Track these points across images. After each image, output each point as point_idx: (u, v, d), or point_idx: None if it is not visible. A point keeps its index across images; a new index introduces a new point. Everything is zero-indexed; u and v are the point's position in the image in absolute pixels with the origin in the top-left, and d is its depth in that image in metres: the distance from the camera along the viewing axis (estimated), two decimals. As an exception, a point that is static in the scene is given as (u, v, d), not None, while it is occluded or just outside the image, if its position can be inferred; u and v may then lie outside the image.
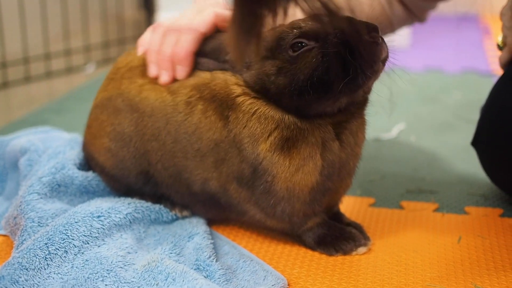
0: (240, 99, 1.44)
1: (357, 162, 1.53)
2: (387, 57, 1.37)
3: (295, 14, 1.43)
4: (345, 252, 1.52)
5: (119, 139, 1.61)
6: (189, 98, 1.51)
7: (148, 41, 1.60)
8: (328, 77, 1.34)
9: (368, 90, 1.46)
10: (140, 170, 1.60)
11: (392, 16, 1.92)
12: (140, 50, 1.62)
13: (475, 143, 1.80)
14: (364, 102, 1.49)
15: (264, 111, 1.42)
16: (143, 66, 1.60)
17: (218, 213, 1.61)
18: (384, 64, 1.38)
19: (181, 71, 1.53)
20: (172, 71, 1.54)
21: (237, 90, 1.45)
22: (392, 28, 1.97)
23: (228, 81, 1.47)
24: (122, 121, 1.60)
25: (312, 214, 1.52)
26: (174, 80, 1.54)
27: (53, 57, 3.35)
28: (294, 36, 1.38)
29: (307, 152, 1.41)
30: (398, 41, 3.60)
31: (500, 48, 1.82)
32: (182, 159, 1.53)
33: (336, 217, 1.61)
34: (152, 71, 1.56)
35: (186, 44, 1.52)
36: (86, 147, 1.72)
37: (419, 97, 2.85)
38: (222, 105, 1.46)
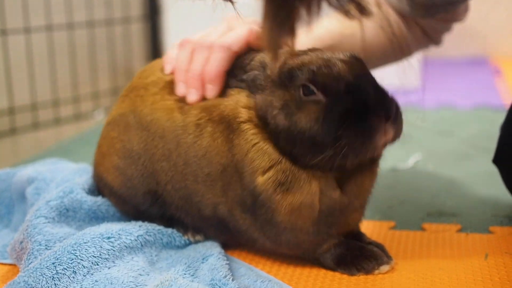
0: (245, 126, 1.39)
1: (365, 200, 1.48)
2: (391, 139, 1.34)
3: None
4: (367, 271, 1.45)
5: (128, 156, 1.56)
6: (198, 120, 1.46)
7: (175, 57, 1.55)
8: (331, 137, 1.29)
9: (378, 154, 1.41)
10: (148, 189, 1.55)
11: (409, 37, 1.89)
12: (167, 68, 1.56)
13: (497, 160, 1.75)
14: (374, 159, 1.44)
15: (263, 146, 1.37)
16: (158, 84, 1.56)
17: (230, 237, 1.55)
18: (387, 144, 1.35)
19: (211, 91, 1.47)
20: (202, 90, 1.48)
21: (244, 115, 1.40)
22: (409, 50, 1.94)
23: (238, 102, 1.42)
24: (132, 138, 1.56)
25: (323, 241, 1.46)
26: (203, 99, 1.49)
27: (61, 104, 3.33)
28: (307, 78, 1.33)
29: (305, 196, 1.36)
30: (408, 81, 3.60)
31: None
32: (193, 182, 1.48)
33: (356, 237, 1.54)
34: (181, 89, 1.50)
35: (217, 63, 1.46)
36: (95, 169, 1.67)
37: (434, 131, 2.79)
38: (229, 128, 1.41)
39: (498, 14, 4.43)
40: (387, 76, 3.95)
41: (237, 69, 1.47)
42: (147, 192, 1.56)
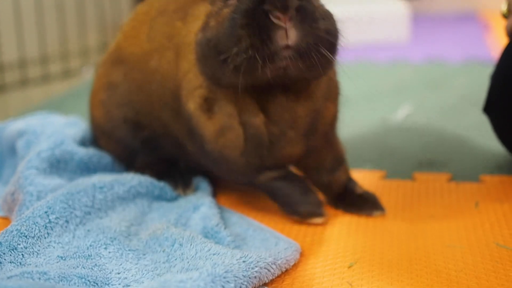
0: (190, 48, 1.39)
1: (305, 131, 1.39)
2: (297, 43, 1.19)
3: None
4: (302, 217, 1.46)
5: (109, 88, 1.63)
6: (160, 46, 1.51)
7: None
8: (226, 46, 1.22)
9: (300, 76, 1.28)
10: (125, 118, 1.60)
11: None
12: None
13: (487, 109, 1.75)
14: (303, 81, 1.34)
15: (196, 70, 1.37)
16: (139, 19, 1.62)
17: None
18: (295, 50, 1.19)
19: None
20: None
21: (191, 38, 1.40)
22: None
23: (193, 28, 1.41)
24: (114, 71, 1.62)
25: (257, 173, 1.45)
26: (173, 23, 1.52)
27: (50, 61, 3.30)
28: None
29: (225, 120, 1.35)
30: (397, 35, 3.58)
31: (505, 16, 1.77)
32: (160, 110, 1.53)
33: (348, 187, 1.55)
34: None
35: None
36: (89, 110, 1.73)
37: (423, 84, 2.79)
38: (179, 52, 1.44)
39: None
40: (376, 31, 3.93)
41: None
42: (126, 121, 1.60)
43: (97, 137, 1.70)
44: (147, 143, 1.60)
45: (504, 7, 1.75)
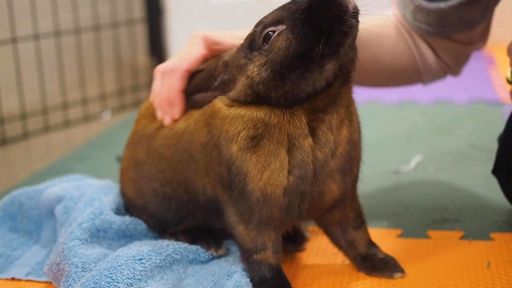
0: (220, 108, 1.49)
1: (342, 164, 1.48)
2: (356, 9, 1.36)
3: None
4: None
5: (137, 166, 1.74)
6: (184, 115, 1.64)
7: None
8: (304, 47, 1.35)
9: (350, 60, 1.42)
10: (154, 192, 1.70)
11: (422, 68, 1.94)
12: (150, 98, 1.73)
13: (496, 171, 1.85)
14: (347, 78, 1.45)
15: (236, 113, 1.45)
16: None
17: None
18: (356, 20, 1.36)
19: (175, 111, 1.64)
20: (171, 112, 1.65)
21: (220, 103, 1.50)
22: (420, 80, 2.00)
23: (215, 100, 1.53)
24: (139, 150, 1.74)
25: (292, 221, 1.53)
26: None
27: (70, 106, 3.42)
28: (261, 30, 1.41)
29: (272, 149, 1.42)
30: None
31: (509, 82, 1.86)
32: (184, 169, 1.62)
33: (370, 250, 1.63)
34: (159, 115, 1.69)
35: (173, 85, 1.63)
36: (120, 186, 1.85)
37: (432, 129, 2.90)
38: (208, 114, 1.53)
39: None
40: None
41: (206, 82, 1.59)
42: (156, 196, 1.70)
43: (130, 210, 1.81)
44: (177, 213, 1.70)
45: (509, 73, 1.85)
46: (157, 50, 4.12)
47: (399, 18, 1.90)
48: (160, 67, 1.67)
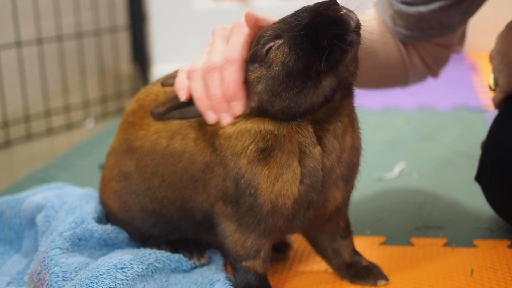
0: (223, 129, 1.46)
1: (346, 170, 1.49)
2: (358, 25, 1.34)
3: None
4: None
5: (123, 179, 1.68)
6: (179, 128, 1.56)
7: (187, 86, 1.51)
8: (302, 63, 1.35)
9: (351, 73, 1.41)
10: (142, 208, 1.66)
11: (409, 66, 1.95)
12: (182, 95, 1.51)
13: (479, 178, 1.85)
14: (349, 90, 1.46)
15: (241, 128, 1.43)
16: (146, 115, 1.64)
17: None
18: (358, 34, 1.35)
19: (238, 106, 1.44)
20: (230, 110, 1.45)
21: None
22: (406, 80, 2.01)
23: None
24: (126, 161, 1.67)
25: (292, 230, 1.54)
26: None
27: (53, 114, 3.40)
28: (263, 44, 1.40)
29: (284, 160, 1.41)
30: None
31: (492, 89, 1.87)
32: (181, 189, 1.58)
33: (354, 258, 1.63)
34: (211, 117, 1.47)
35: (232, 78, 1.42)
36: (100, 196, 1.80)
37: (416, 136, 2.91)
38: (211, 137, 1.49)
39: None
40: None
41: None
42: (144, 212, 1.67)
43: (110, 220, 1.78)
44: (164, 229, 1.68)
45: (491, 80, 1.86)
46: (140, 57, 4.10)
47: (380, 21, 1.90)
48: (197, 66, 1.49)
